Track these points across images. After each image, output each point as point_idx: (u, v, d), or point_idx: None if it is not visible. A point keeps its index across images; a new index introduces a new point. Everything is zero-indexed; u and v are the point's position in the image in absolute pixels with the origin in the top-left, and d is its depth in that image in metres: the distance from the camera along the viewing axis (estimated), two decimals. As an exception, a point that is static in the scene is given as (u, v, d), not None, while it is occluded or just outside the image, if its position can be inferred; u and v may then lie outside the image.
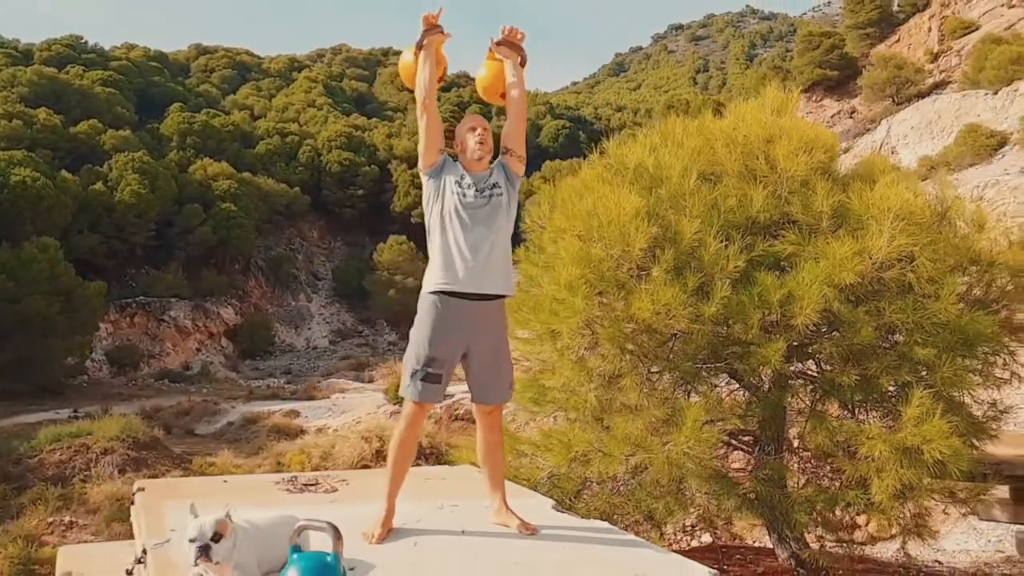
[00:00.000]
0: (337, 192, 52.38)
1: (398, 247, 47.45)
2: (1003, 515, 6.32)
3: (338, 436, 26.57)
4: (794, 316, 4.07)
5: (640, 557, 3.10)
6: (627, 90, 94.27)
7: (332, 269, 52.73)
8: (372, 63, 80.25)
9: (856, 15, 40.93)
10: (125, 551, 4.06)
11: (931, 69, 34.46)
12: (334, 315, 51.42)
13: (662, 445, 4.00)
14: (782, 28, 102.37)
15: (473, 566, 2.97)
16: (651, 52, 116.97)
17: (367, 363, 41.68)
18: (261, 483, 4.47)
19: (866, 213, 4.17)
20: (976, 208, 4.79)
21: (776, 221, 4.51)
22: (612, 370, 4.42)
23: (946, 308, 4.01)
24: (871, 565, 5.65)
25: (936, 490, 4.31)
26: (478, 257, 3.22)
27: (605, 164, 5.03)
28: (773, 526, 4.90)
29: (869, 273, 4.10)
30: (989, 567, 6.32)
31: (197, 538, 2.55)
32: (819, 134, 4.69)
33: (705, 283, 4.16)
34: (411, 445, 3.42)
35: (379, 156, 54.06)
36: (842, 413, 4.64)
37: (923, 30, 37.50)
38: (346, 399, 32.89)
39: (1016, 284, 4.52)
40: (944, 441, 3.81)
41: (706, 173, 4.67)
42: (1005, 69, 28.56)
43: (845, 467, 4.15)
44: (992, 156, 26.07)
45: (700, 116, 5.03)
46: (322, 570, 2.46)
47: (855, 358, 4.22)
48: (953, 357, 4.20)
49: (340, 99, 65.48)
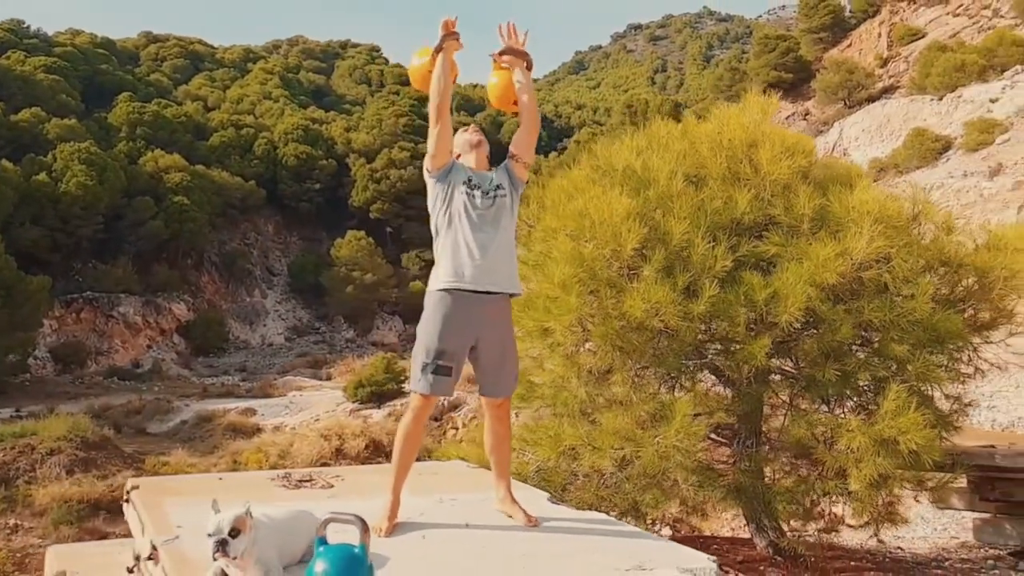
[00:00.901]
0: (293, 186, 51.66)
1: (356, 242, 47.01)
2: (960, 503, 6.62)
3: (296, 434, 26.28)
4: (779, 314, 4.22)
5: (641, 546, 3.21)
6: (587, 88, 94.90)
7: (288, 264, 51.98)
8: (330, 55, 79.36)
9: (810, 20, 41.94)
10: (118, 550, 4.03)
11: (881, 74, 35.51)
12: (290, 311, 50.71)
13: (652, 439, 4.12)
14: (738, 30, 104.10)
15: (483, 557, 3.05)
16: (610, 51, 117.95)
17: (324, 360, 41.26)
18: (257, 480, 4.47)
19: (846, 216, 4.35)
20: (945, 212, 5.02)
21: (760, 222, 4.67)
22: (602, 366, 4.52)
23: (920, 307, 4.21)
24: (840, 552, 5.88)
25: (908, 479, 4.52)
26: (486, 256, 3.29)
27: (593, 166, 5.13)
28: (752, 516, 5.07)
29: (849, 273, 4.28)
30: (947, 552, 6.62)
31: (215, 533, 2.58)
32: (799, 139, 4.88)
33: (693, 282, 4.29)
34: (417, 439, 3.49)
35: (337, 150, 53.50)
36: (820, 407, 4.82)
37: (873, 36, 38.61)
38: (303, 397, 32.54)
39: (981, 284, 4.76)
40: (919, 433, 4.00)
41: (691, 175, 4.81)
42: (949, 76, 29.61)
43: (825, 458, 4.32)
44: (937, 159, 26.99)
45: (684, 120, 5.16)
46: (350, 562, 2.50)
47: (834, 355, 4.40)
48: (924, 353, 4.40)
49: (297, 91, 64.63)
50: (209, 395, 34.12)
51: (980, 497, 6.29)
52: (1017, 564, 6.02)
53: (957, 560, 6.22)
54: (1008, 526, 6.18)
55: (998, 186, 23.54)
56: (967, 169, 24.69)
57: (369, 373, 29.93)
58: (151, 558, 3.07)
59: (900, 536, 7.20)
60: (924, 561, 6.14)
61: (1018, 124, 25.26)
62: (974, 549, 6.65)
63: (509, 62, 3.60)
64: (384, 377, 29.36)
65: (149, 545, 3.13)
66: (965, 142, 25.98)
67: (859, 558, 5.88)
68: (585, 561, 3.02)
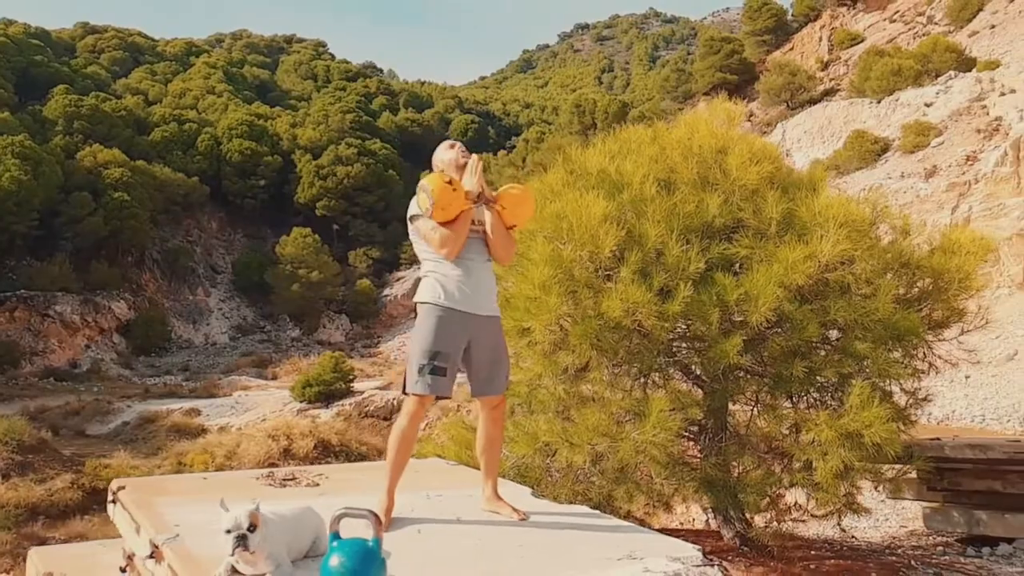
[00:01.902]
0: (238, 182, 50.59)
1: (302, 240, 46.27)
2: (910, 493, 6.91)
3: (243, 435, 25.82)
4: (750, 314, 4.36)
5: (629, 537, 3.32)
6: (535, 87, 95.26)
7: (232, 262, 50.89)
8: (275, 50, 77.91)
9: (754, 22, 42.87)
10: (102, 551, 3.97)
11: (822, 77, 36.53)
12: (234, 310, 49.68)
13: (629, 434, 4.22)
14: (684, 31, 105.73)
15: (481, 550, 3.12)
16: (558, 50, 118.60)
17: (270, 360, 40.61)
18: (242, 479, 4.46)
19: (812, 220, 4.52)
20: (903, 216, 5.25)
21: (729, 226, 4.81)
22: (579, 364, 4.60)
23: (883, 306, 4.40)
24: (800, 542, 6.09)
25: (868, 471, 4.71)
26: (471, 281, 3.45)
27: (568, 169, 5.21)
28: (720, 508, 5.23)
29: (815, 275, 4.44)
30: (898, 540, 6.92)
31: (234, 529, 2.62)
32: (765, 146, 5.04)
33: (667, 283, 4.40)
34: (412, 440, 3.56)
35: (282, 146, 52.58)
36: (785, 403, 4.99)
37: (815, 39, 39.70)
38: (249, 397, 31.97)
39: (936, 285, 5.00)
40: (882, 426, 4.19)
41: (662, 180, 4.92)
42: (887, 80, 30.63)
43: (793, 451, 4.48)
44: (876, 161, 27.92)
45: (653, 125, 5.28)
46: (365, 555, 2.56)
47: (801, 352, 4.56)
48: (884, 351, 4.60)
49: (241, 86, 63.26)
50: (151, 395, 33.21)
51: (929, 487, 6.58)
52: (965, 549, 6.32)
53: (909, 547, 6.51)
54: (956, 514, 6.49)
55: (933, 187, 24.50)
56: (904, 170, 25.62)
57: (317, 372, 29.58)
58: (152, 556, 3.06)
59: (853, 526, 7.48)
60: (879, 549, 6.41)
61: (952, 128, 26.30)
62: (923, 537, 6.96)
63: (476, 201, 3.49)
64: (332, 376, 29.06)
65: (148, 544, 3.12)
66: (902, 144, 26.92)
67: (818, 547, 6.10)
68: (577, 551, 3.13)
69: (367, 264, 48.77)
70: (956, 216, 22.96)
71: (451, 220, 3.36)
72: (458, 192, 3.37)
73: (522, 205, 3.55)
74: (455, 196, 3.35)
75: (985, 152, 24.66)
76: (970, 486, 6.34)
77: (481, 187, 3.45)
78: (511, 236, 3.55)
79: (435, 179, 3.41)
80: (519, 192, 3.56)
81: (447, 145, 3.70)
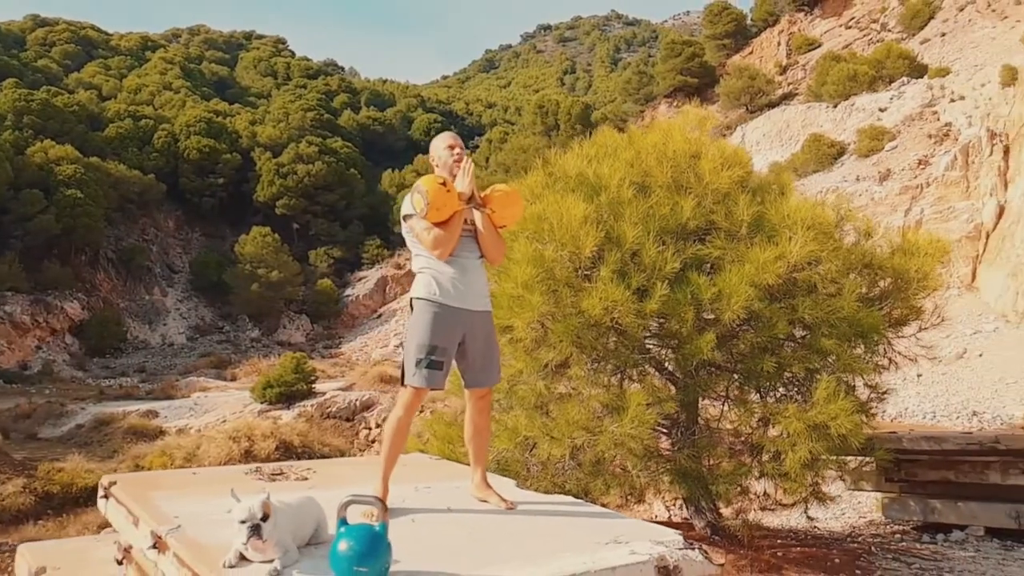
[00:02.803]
0: (196, 180, 49.73)
1: (261, 239, 45.65)
2: (868, 484, 7.19)
3: (203, 436, 25.44)
4: (723, 312, 4.53)
5: (613, 524, 3.47)
6: (497, 87, 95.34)
7: (190, 261, 49.98)
8: (233, 46, 76.68)
9: (714, 26, 43.53)
10: (95, 545, 3.98)
11: (780, 81, 37.27)
12: (192, 310, 48.81)
13: (608, 428, 4.35)
14: (645, 34, 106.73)
15: (476, 537, 3.24)
16: (520, 51, 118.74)
17: (229, 360, 40.01)
18: (231, 474, 4.51)
19: (781, 223, 4.71)
20: (865, 218, 5.49)
21: (702, 227, 4.98)
22: (559, 360, 4.72)
23: (848, 305, 4.60)
24: (766, 532, 6.30)
25: (833, 462, 4.93)
26: (465, 278, 3.57)
27: (548, 172, 5.33)
28: (692, 498, 5.40)
29: (785, 275, 4.63)
30: (858, 529, 7.19)
31: (248, 519, 2.73)
32: (736, 151, 5.23)
33: (644, 282, 4.55)
34: (407, 431, 3.67)
35: (241, 144, 51.83)
36: (753, 397, 5.18)
37: (773, 44, 40.48)
38: (209, 398, 31.49)
39: (896, 285, 5.23)
40: (848, 418, 4.39)
41: (637, 183, 5.08)
42: (843, 85, 31.40)
43: (764, 442, 4.66)
44: (832, 164, 28.62)
45: (627, 129, 5.43)
46: (373, 540, 2.65)
47: (771, 348, 4.74)
48: (849, 347, 4.81)
49: (199, 82, 62.19)
50: (107, 397, 32.47)
51: (887, 478, 6.86)
52: (921, 536, 6.61)
53: (868, 535, 6.77)
54: (912, 503, 6.78)
55: (887, 190, 25.21)
56: (859, 174, 26.32)
57: (278, 373, 29.24)
58: (155, 547, 3.11)
59: (814, 517, 7.74)
60: (840, 537, 6.66)
61: (904, 132, 27.10)
62: (881, 526, 7.25)
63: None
64: (293, 377, 28.76)
65: (150, 536, 3.16)
66: (858, 148, 27.64)
67: (783, 536, 6.32)
68: (567, 536, 3.26)
69: (328, 264, 48.31)
70: (909, 218, 23.67)
71: (444, 221, 3.45)
72: (452, 193, 3.47)
73: (510, 206, 3.66)
74: (449, 197, 3.45)
75: (936, 157, 25.46)
76: (925, 476, 6.64)
77: (472, 189, 3.55)
78: (501, 236, 3.66)
79: (430, 180, 3.50)
80: (505, 194, 3.67)
81: (447, 142, 3.76)
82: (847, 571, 5.34)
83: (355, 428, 26.65)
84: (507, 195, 3.65)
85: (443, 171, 3.66)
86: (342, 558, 2.62)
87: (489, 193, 3.65)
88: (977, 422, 14.63)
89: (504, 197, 3.63)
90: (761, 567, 5.09)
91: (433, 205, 3.41)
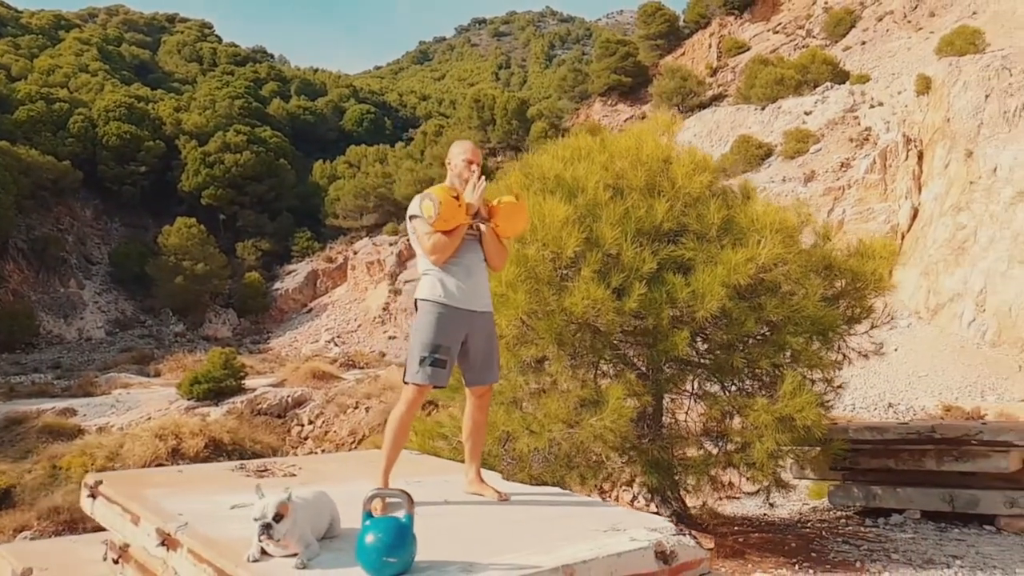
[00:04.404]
0: (116, 168, 47.69)
1: (187, 230, 44.21)
2: (813, 473, 7.57)
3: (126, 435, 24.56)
4: (696, 310, 4.72)
5: (607, 512, 3.62)
6: (431, 79, 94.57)
7: (109, 253, 47.95)
8: (155, 29, 73.79)
9: (648, 26, 44.30)
10: (77, 546, 3.87)
11: (711, 82, 38.27)
12: (111, 303, 46.90)
13: (588, 420, 4.49)
14: (579, 31, 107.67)
15: (481, 526, 3.34)
16: (455, 44, 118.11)
17: (152, 356, 38.62)
18: (218, 471, 4.47)
19: (750, 226, 4.95)
20: (824, 223, 5.80)
21: (675, 230, 5.17)
22: (538, 356, 4.83)
23: (811, 304, 4.87)
24: (724, 520, 6.58)
25: (795, 451, 5.20)
26: (470, 280, 3.66)
27: (525, 173, 5.43)
28: (659, 488, 5.60)
29: (754, 276, 4.86)
30: (805, 516, 7.57)
31: (260, 517, 2.77)
32: (704, 158, 5.46)
33: (623, 282, 4.70)
34: (409, 426, 3.75)
35: (165, 131, 50.00)
36: (718, 392, 5.41)
37: (704, 46, 41.51)
38: (131, 395, 30.38)
39: (853, 285, 5.55)
40: (812, 411, 4.65)
41: (611, 185, 5.24)
42: (771, 88, 32.50)
43: (731, 434, 4.89)
44: (760, 165, 29.63)
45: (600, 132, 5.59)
46: (399, 531, 2.71)
47: (740, 345, 4.97)
48: (810, 343, 5.09)
49: (119, 66, 59.62)
50: (18, 395, 30.90)
51: (831, 467, 7.24)
52: (864, 521, 7.01)
53: (816, 521, 7.14)
54: (855, 489, 7.18)
55: (811, 191, 26.26)
56: (786, 175, 27.33)
57: (206, 369, 28.43)
58: (164, 544, 3.07)
59: (761, 506, 8.10)
60: (791, 523, 7.01)
61: (828, 136, 28.27)
62: (825, 512, 7.64)
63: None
64: (222, 373, 28.02)
65: (156, 534, 3.12)
66: (784, 150, 28.69)
67: (740, 524, 6.62)
68: (567, 525, 3.39)
69: (256, 256, 47.14)
70: (831, 219, 24.72)
71: (449, 230, 3.50)
72: (461, 208, 3.56)
73: (515, 219, 3.75)
74: (458, 211, 3.55)
75: (857, 160, 26.67)
76: (867, 464, 7.04)
77: (480, 204, 3.61)
78: (504, 245, 3.74)
79: (443, 191, 3.57)
80: (511, 205, 3.73)
81: (467, 155, 3.75)
82: (803, 554, 5.65)
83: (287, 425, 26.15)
84: (512, 207, 3.73)
85: (453, 176, 3.70)
86: (371, 550, 2.67)
87: (496, 205, 3.72)
88: (893, 413, 15.46)
89: (509, 209, 3.71)
90: (726, 553, 5.34)
91: (442, 216, 3.50)
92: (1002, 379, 16.37)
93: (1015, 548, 5.88)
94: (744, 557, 5.47)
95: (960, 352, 18.04)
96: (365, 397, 23.61)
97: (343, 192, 46.06)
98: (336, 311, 43.29)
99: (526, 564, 2.80)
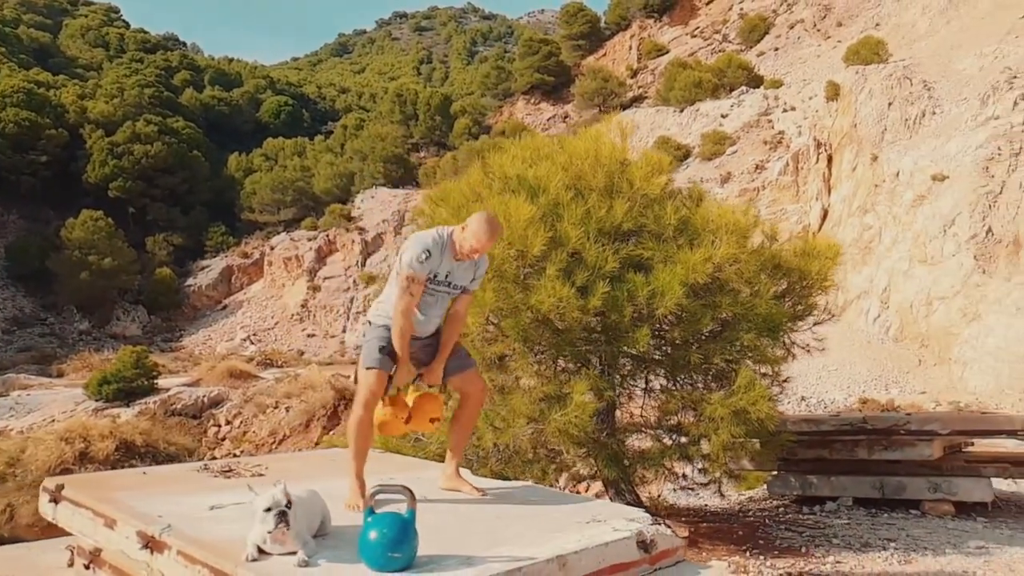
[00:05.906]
0: (13, 157, 44.97)
1: (92, 223, 42.16)
2: (751, 465, 7.88)
3: (29, 438, 23.30)
4: (656, 308, 4.86)
5: (584, 505, 3.71)
6: (351, 72, 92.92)
7: (5, 246, 45.24)
8: (56, 11, 69.84)
9: (570, 26, 44.87)
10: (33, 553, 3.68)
11: (631, 84, 39.06)
12: (8, 300, 44.29)
13: (554, 416, 4.57)
14: (501, 29, 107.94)
15: (468, 520, 3.34)
16: (375, 37, 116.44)
17: (54, 355, 36.75)
18: (183, 472, 4.33)
19: (704, 227, 5.13)
20: (771, 224, 6.06)
21: (634, 229, 5.30)
22: (499, 354, 4.87)
23: (763, 302, 5.09)
24: (672, 511, 6.78)
25: (746, 444, 5.42)
26: (427, 313, 3.69)
27: (486, 171, 5.46)
28: (613, 482, 5.73)
29: (711, 274, 5.04)
30: (745, 505, 7.87)
31: (273, 506, 2.76)
32: (660, 159, 5.62)
33: (587, 281, 4.79)
34: (371, 424, 3.70)
35: (69, 119, 47.47)
36: (672, 386, 5.58)
37: (625, 48, 42.33)
38: (32, 396, 28.80)
39: (800, 283, 5.83)
40: (764, 404, 4.86)
41: (571, 186, 5.33)
42: (689, 91, 33.43)
43: (689, 428, 5.05)
44: (679, 166, 30.45)
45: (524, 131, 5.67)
46: (403, 526, 2.70)
47: (696, 341, 5.15)
48: (760, 340, 5.31)
49: (16, 49, 56.18)
50: (-96, 399, 28.84)
51: (768, 457, 7.55)
52: (801, 509, 7.35)
53: (756, 510, 7.44)
54: (792, 479, 7.52)
55: (728, 192, 27.18)
56: (703, 176, 28.19)
57: (115, 368, 27.22)
58: (147, 547, 2.94)
59: (699, 497, 8.38)
60: (734, 513, 7.28)
61: (743, 138, 29.32)
62: (763, 502, 7.97)
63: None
64: (134, 373, 26.89)
65: (136, 537, 3.00)
66: (702, 151, 29.60)
67: (687, 515, 6.84)
68: (550, 517, 3.45)
69: (167, 251, 45.37)
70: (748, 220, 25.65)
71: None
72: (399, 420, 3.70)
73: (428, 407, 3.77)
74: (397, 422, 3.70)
75: (771, 162, 27.74)
76: (803, 455, 7.39)
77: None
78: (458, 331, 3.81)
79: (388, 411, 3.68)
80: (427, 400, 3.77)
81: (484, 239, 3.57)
82: (751, 541, 5.89)
83: (203, 426, 25.33)
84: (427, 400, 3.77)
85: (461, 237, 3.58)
86: (375, 545, 2.66)
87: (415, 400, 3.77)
88: (806, 406, 16.19)
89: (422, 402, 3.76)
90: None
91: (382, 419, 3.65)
92: (904, 373, 17.35)
93: (940, 531, 6.30)
94: (698, 546, 5.67)
95: (866, 347, 19.03)
96: (285, 396, 23.06)
97: (260, 186, 44.81)
98: (252, 308, 42.17)
99: (522, 555, 2.84)
